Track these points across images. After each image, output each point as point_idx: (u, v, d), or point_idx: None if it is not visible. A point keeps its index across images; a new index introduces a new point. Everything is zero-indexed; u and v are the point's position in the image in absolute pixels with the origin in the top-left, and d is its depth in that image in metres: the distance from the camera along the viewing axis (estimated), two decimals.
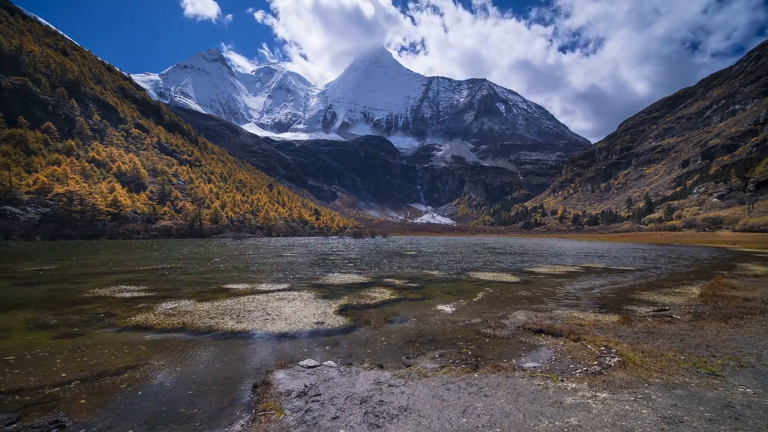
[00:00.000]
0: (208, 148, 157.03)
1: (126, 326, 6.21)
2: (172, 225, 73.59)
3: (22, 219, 51.54)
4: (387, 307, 8.02)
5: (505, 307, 7.99)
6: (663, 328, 5.97)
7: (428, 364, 4.43)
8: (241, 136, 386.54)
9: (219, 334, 5.79)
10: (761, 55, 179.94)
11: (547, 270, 15.92)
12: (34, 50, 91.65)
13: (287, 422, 2.99)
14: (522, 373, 4.03)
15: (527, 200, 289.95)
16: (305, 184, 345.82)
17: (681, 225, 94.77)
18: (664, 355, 4.55)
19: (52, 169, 63.58)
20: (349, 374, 4.07)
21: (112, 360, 4.61)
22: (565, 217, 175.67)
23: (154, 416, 3.23)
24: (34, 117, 76.25)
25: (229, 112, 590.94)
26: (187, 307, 7.66)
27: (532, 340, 5.49)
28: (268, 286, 10.84)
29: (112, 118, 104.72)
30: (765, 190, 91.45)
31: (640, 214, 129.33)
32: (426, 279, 12.85)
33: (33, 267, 15.97)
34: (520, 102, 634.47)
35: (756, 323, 6.15)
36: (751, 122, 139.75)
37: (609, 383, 3.65)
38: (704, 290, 9.79)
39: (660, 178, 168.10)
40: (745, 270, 15.27)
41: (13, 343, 5.28)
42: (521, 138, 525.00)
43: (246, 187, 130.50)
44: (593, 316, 6.98)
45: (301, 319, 6.76)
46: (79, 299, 8.63)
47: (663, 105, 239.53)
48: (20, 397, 3.57)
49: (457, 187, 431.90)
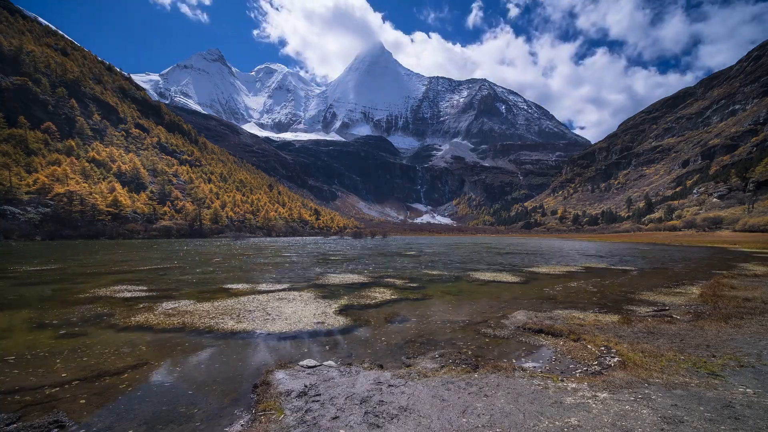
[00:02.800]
0: (208, 148, 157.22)
1: (126, 326, 6.21)
2: (172, 225, 73.62)
3: (22, 219, 51.55)
4: (387, 307, 8.02)
5: (505, 307, 7.98)
6: (663, 328, 5.97)
7: (428, 364, 4.43)
8: (241, 136, 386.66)
9: (219, 334, 5.79)
10: (761, 55, 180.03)
11: (547, 270, 15.91)
12: (34, 50, 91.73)
13: (287, 422, 2.99)
14: (522, 373, 4.03)
15: (527, 200, 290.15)
16: (305, 184, 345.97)
17: (681, 225, 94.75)
18: (664, 355, 4.55)
19: (52, 169, 63.63)
20: (349, 374, 4.07)
21: (112, 360, 4.61)
22: (565, 217, 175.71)
23: (154, 416, 3.23)
24: (34, 117, 76.32)
25: (229, 112, 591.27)
26: (187, 307, 7.66)
27: (532, 340, 5.49)
28: (268, 286, 10.84)
29: (112, 118, 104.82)
30: (765, 190, 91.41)
31: (640, 214, 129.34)
32: (426, 279, 12.85)
33: (33, 267, 15.97)
34: (520, 102, 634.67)
35: (756, 323, 6.15)
36: (751, 122, 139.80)
37: (609, 383, 3.64)
38: (704, 290, 9.78)
39: (660, 178, 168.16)
40: (745, 270, 15.26)
41: (13, 343, 5.28)
42: (521, 138, 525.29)
43: (246, 187, 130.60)
44: (593, 316, 6.98)
45: (301, 319, 6.75)
46: (79, 299, 8.63)
47: (663, 105, 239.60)
48: (20, 397, 3.57)
49: (457, 187, 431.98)
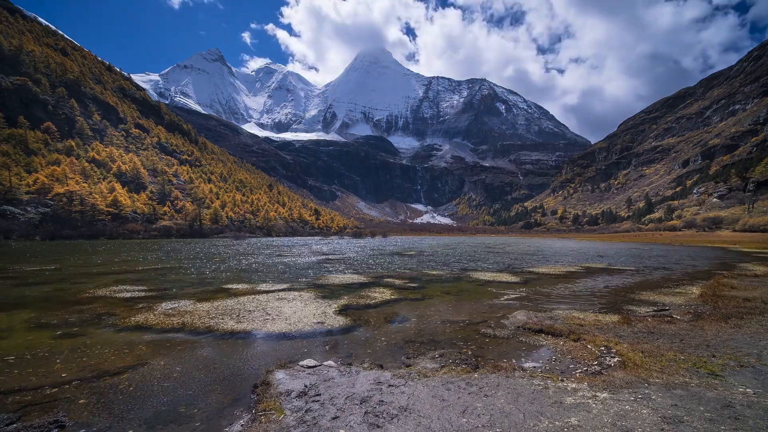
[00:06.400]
0: (208, 148, 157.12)
1: (126, 326, 6.21)
2: (172, 225, 73.58)
3: (22, 219, 51.54)
4: (387, 307, 8.02)
5: (505, 307, 7.98)
6: (663, 328, 5.97)
7: (428, 364, 4.43)
8: (241, 136, 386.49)
9: (219, 334, 5.79)
10: (761, 55, 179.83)
11: (547, 270, 15.91)
12: (34, 50, 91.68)
13: (287, 422, 2.99)
14: (522, 373, 4.03)
15: (527, 200, 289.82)
16: (305, 184, 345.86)
17: (681, 225, 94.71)
18: (664, 355, 4.55)
19: (52, 169, 63.59)
20: (349, 374, 4.07)
21: (112, 360, 4.61)
22: (565, 217, 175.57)
23: (154, 416, 3.23)
24: (34, 117, 76.26)
25: (229, 112, 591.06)
26: (187, 307, 7.66)
27: (532, 340, 5.49)
28: (268, 286, 10.84)
29: (112, 118, 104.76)
30: (765, 190, 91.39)
31: (640, 214, 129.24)
32: (426, 279, 12.85)
33: (33, 267, 15.97)
34: (520, 102, 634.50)
35: (756, 323, 6.15)
36: (751, 122, 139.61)
37: (609, 383, 3.64)
38: (704, 290, 9.78)
39: (660, 178, 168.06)
40: (745, 270, 15.26)
41: (13, 343, 5.28)
42: (521, 138, 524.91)
43: (246, 187, 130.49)
44: (593, 316, 6.98)
45: (301, 319, 6.76)
46: (79, 299, 8.63)
47: (663, 105, 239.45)
48: (20, 397, 3.57)
49: (457, 187, 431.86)
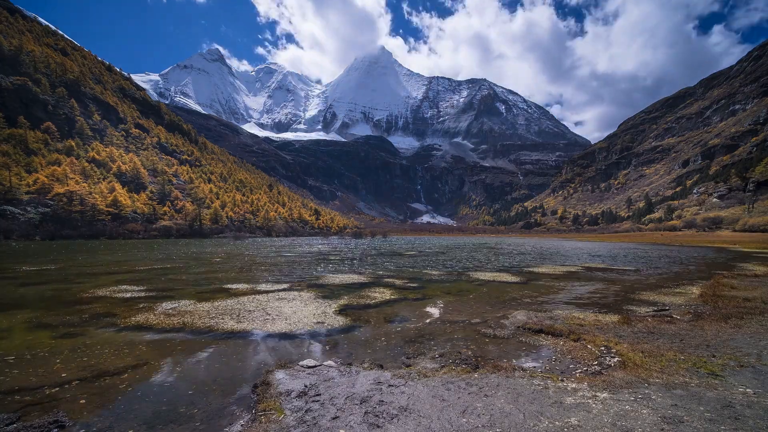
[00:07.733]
0: (208, 148, 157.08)
1: (126, 326, 6.21)
2: (172, 225, 73.56)
3: (22, 219, 51.53)
4: (387, 307, 8.02)
5: (505, 307, 7.98)
6: (663, 328, 5.97)
7: (428, 364, 4.43)
8: (241, 136, 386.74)
9: (219, 334, 5.79)
10: (761, 55, 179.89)
11: (547, 270, 15.91)
12: (34, 50, 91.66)
13: (287, 422, 2.99)
14: (522, 373, 4.03)
15: (527, 200, 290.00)
16: (305, 184, 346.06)
17: (681, 225, 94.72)
18: (664, 355, 4.55)
19: (52, 169, 63.56)
20: (349, 374, 4.07)
21: (112, 360, 4.61)
22: (565, 217, 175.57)
23: (154, 416, 3.23)
24: (34, 117, 76.25)
25: (229, 112, 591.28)
26: (187, 307, 7.66)
27: (532, 340, 5.49)
28: (268, 286, 10.84)
29: (112, 118, 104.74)
30: (765, 190, 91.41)
31: (640, 214, 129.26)
32: (426, 279, 12.85)
33: (33, 267, 15.97)
34: (520, 102, 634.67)
35: (756, 323, 6.14)
36: (751, 122, 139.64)
37: (609, 383, 3.64)
38: (704, 290, 9.78)
39: (660, 178, 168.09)
40: (745, 270, 15.26)
41: (13, 343, 5.28)
42: (521, 138, 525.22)
43: (246, 187, 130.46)
44: (593, 316, 6.97)
45: (301, 319, 6.76)
46: (79, 299, 8.63)
47: (663, 105, 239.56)
48: (20, 397, 3.57)
49: (457, 187, 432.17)
